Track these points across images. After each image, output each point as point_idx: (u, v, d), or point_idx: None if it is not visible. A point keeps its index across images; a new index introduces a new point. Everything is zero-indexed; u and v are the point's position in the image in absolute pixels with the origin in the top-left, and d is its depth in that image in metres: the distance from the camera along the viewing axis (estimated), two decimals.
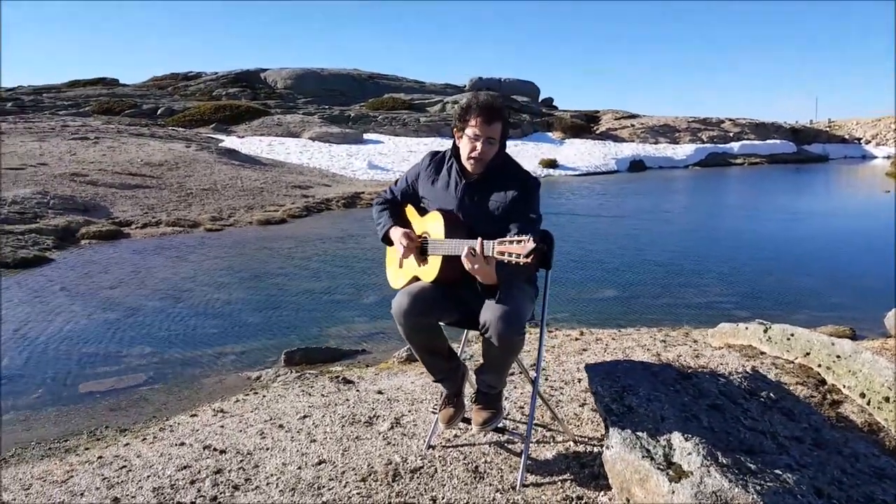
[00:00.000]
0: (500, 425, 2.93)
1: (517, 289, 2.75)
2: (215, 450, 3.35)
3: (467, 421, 2.97)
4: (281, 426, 3.59)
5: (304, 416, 3.70)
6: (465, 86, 45.25)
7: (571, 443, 3.17)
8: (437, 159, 3.07)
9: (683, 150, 35.89)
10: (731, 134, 40.96)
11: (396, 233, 2.97)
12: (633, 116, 43.57)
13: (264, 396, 4.32)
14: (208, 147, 22.56)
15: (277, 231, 12.61)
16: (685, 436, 2.35)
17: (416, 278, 2.96)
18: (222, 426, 3.73)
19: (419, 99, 40.98)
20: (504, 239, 2.46)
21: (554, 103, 49.43)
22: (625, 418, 2.52)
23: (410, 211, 3.15)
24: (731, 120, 43.23)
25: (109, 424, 4.39)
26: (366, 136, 31.08)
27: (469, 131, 2.85)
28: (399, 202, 3.17)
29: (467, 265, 2.58)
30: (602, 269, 9.64)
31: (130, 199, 14.30)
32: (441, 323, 2.93)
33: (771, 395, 2.88)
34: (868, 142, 46.11)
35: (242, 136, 28.42)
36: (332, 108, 36.76)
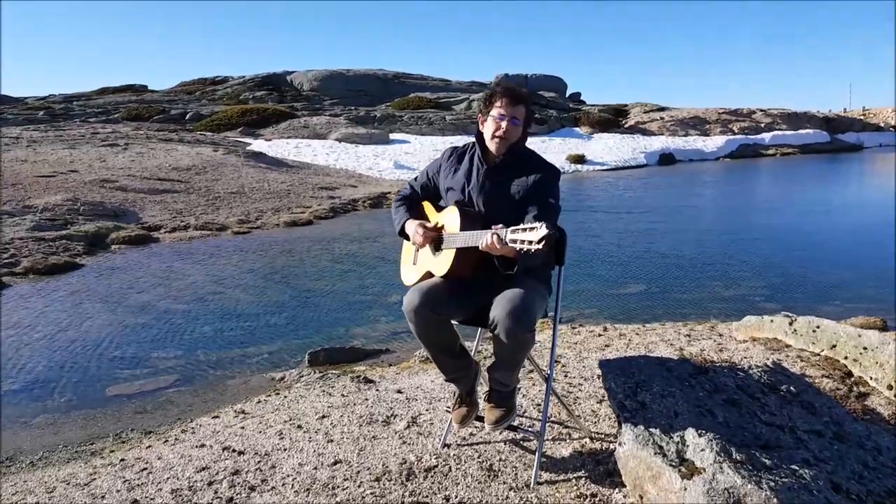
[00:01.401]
0: (514, 423, 2.90)
1: (529, 285, 2.74)
2: (234, 451, 3.37)
3: (481, 419, 2.94)
4: (299, 426, 3.61)
5: (323, 417, 3.71)
6: (491, 83, 45.10)
7: (587, 440, 3.14)
8: (458, 152, 3.14)
9: (714, 143, 35.42)
10: (763, 125, 40.29)
11: (412, 225, 3.01)
12: (663, 109, 43.06)
13: (285, 397, 4.34)
14: (235, 151, 22.76)
15: (304, 232, 12.66)
16: (699, 431, 2.30)
17: (429, 274, 2.96)
18: (242, 427, 3.75)
19: (445, 97, 40.93)
20: (517, 227, 2.45)
21: (581, 98, 49.12)
22: (637, 414, 2.47)
23: (427, 207, 3.19)
24: (762, 110, 42.51)
25: (135, 427, 4.43)
26: (392, 136, 31.12)
27: (494, 112, 2.92)
28: (418, 197, 3.23)
29: (484, 246, 2.57)
30: (628, 264, 9.55)
31: (159, 203, 14.46)
32: (453, 321, 2.92)
33: (791, 388, 2.80)
34: None
35: (269, 139, 28.62)
36: (357, 108, 36.88)
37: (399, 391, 4.07)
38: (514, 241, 2.42)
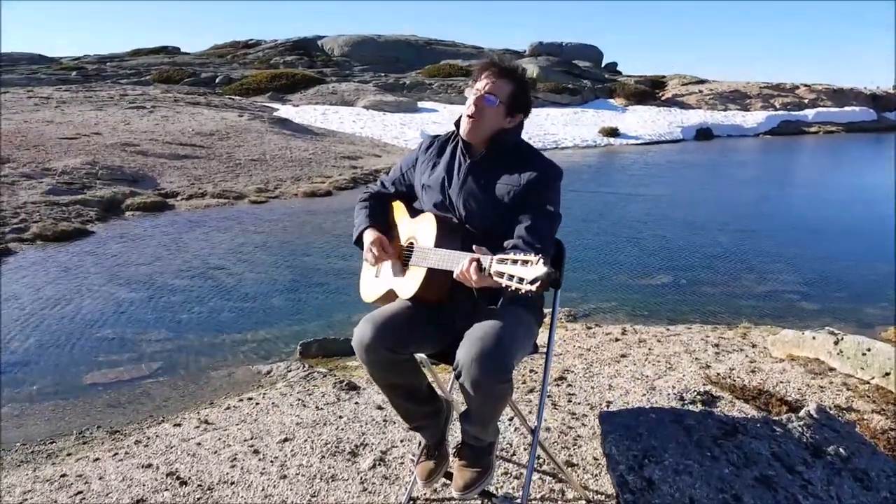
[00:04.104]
0: (489, 488, 2.33)
1: (511, 316, 2.14)
2: (178, 479, 2.93)
3: (451, 476, 2.36)
4: (256, 451, 3.13)
5: (286, 440, 3.23)
6: (525, 51, 43.82)
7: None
8: (440, 141, 2.53)
9: (754, 118, 34.08)
10: (806, 101, 38.71)
11: (369, 236, 2.44)
12: (702, 82, 41.56)
13: (257, 404, 3.89)
14: (261, 116, 22.33)
15: (321, 204, 12.23)
16: None
17: (393, 293, 2.41)
18: (199, 444, 3.31)
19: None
20: (506, 256, 1.87)
21: (618, 68, 47.73)
22: (642, 499, 1.93)
23: (399, 209, 2.58)
24: (806, 86, 40.86)
25: (102, 424, 4.09)
26: (420, 104, 30.39)
27: (474, 88, 2.34)
28: (388, 195, 2.62)
29: (458, 274, 2.02)
30: (655, 250, 8.95)
31: (178, 169, 14.11)
32: (419, 355, 2.36)
33: (841, 450, 2.23)
34: None
35: (297, 105, 28.16)
36: (387, 75, 36.16)
37: (380, 407, 3.57)
38: (501, 274, 1.85)
